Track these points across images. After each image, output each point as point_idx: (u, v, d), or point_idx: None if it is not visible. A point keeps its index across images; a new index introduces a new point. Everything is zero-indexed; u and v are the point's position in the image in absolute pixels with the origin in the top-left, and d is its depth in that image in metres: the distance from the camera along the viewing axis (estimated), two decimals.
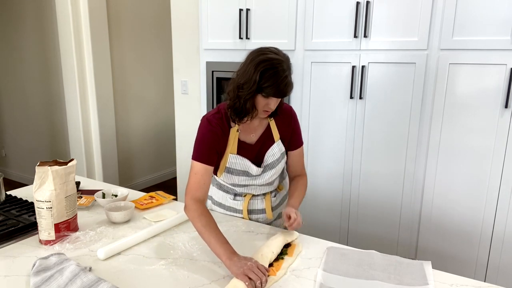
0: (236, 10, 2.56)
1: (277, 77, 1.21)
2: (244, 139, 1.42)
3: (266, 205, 1.55)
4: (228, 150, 1.39)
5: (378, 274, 1.15)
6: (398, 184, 2.24)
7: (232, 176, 1.45)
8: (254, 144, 1.43)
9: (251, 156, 1.43)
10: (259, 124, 1.44)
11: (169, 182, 4.53)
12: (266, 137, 1.44)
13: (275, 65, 1.21)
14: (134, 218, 1.55)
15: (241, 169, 1.43)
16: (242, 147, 1.41)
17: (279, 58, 1.24)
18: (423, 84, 2.08)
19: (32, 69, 4.07)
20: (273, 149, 1.44)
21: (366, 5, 2.14)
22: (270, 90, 1.22)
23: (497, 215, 2.01)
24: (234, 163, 1.42)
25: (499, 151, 1.95)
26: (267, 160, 1.44)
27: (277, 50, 1.29)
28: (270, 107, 1.28)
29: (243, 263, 1.09)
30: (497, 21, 1.86)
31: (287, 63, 1.26)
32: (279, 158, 1.46)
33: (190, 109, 3.12)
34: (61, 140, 4.04)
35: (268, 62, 1.22)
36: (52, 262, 1.14)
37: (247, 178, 1.46)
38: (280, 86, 1.22)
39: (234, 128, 1.38)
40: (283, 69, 1.22)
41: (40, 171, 1.28)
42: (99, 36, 3.51)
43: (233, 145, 1.39)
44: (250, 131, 1.43)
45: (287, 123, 1.47)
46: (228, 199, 1.57)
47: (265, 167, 1.45)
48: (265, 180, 1.47)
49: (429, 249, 2.21)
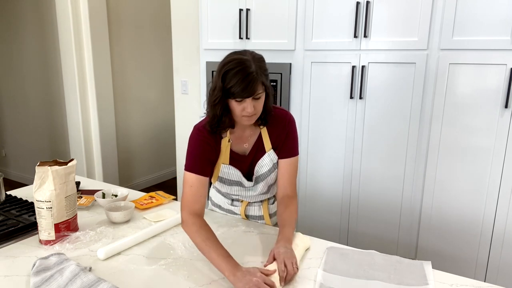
0: (236, 10, 2.56)
1: (240, 75, 1.13)
2: (236, 150, 1.36)
3: (263, 212, 1.52)
4: (220, 160, 1.35)
5: (378, 274, 1.15)
6: (398, 184, 2.24)
7: (225, 185, 1.43)
8: (247, 156, 1.37)
9: (244, 167, 1.38)
10: (251, 133, 1.36)
11: (169, 182, 4.53)
12: (258, 147, 1.37)
13: (237, 64, 1.15)
14: (134, 218, 1.55)
15: (234, 179, 1.39)
16: (234, 158, 1.36)
17: (241, 57, 1.17)
18: (423, 84, 2.08)
19: (32, 69, 4.07)
20: (263, 160, 1.36)
21: (366, 5, 2.14)
22: (235, 89, 1.14)
23: (497, 215, 2.01)
24: (226, 173, 1.37)
25: (499, 151, 1.95)
26: (258, 172, 1.38)
27: (244, 51, 1.21)
28: (247, 111, 1.19)
29: (248, 279, 1.03)
30: (497, 21, 1.86)
31: (256, 62, 1.17)
32: (270, 169, 1.38)
33: (190, 109, 3.12)
34: (61, 140, 4.04)
35: (229, 63, 1.16)
36: (52, 262, 1.14)
37: (241, 189, 1.43)
38: (244, 83, 1.13)
39: (225, 138, 1.32)
40: (246, 67, 1.14)
41: (40, 171, 1.28)
42: (99, 36, 3.51)
43: (225, 155, 1.34)
44: (243, 141, 1.36)
45: (280, 128, 1.36)
46: (226, 204, 1.57)
47: (256, 178, 1.40)
48: (258, 191, 1.44)
49: (429, 249, 2.21)
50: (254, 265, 1.19)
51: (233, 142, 1.34)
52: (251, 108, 1.18)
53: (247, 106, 1.18)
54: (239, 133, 1.34)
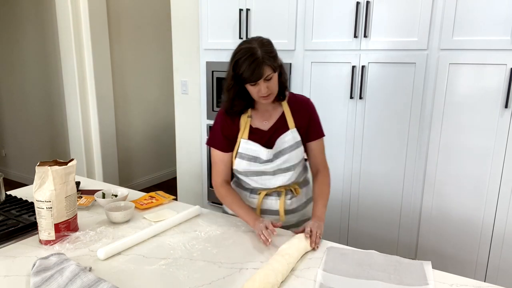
0: (236, 10, 2.56)
1: (248, 62, 1.28)
2: (257, 125, 1.48)
3: (280, 206, 1.52)
4: (239, 135, 1.47)
5: (378, 274, 1.15)
6: (398, 184, 2.24)
7: (243, 161, 1.48)
8: (267, 131, 1.47)
9: (262, 141, 1.46)
10: (273, 111, 1.48)
11: (169, 182, 4.53)
12: (280, 125, 1.47)
13: (244, 53, 1.30)
14: (134, 218, 1.55)
15: (252, 155, 1.46)
16: (254, 133, 1.47)
17: (248, 46, 1.31)
18: (423, 84, 2.08)
19: (32, 69, 4.07)
20: (286, 135, 1.46)
21: (366, 5, 2.14)
22: (245, 75, 1.29)
23: (497, 215, 2.01)
24: (245, 148, 1.46)
25: (499, 151, 1.95)
26: (279, 146, 1.45)
27: (251, 39, 1.35)
28: (262, 92, 1.34)
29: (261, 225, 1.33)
30: (497, 21, 1.86)
31: (263, 47, 1.31)
32: (292, 146, 1.46)
33: (190, 109, 3.12)
34: (61, 140, 4.04)
35: (238, 53, 1.31)
36: (52, 262, 1.14)
37: (258, 165, 1.47)
38: (251, 68, 1.28)
39: (245, 115, 1.46)
40: (252, 53, 1.29)
41: (40, 171, 1.28)
42: (99, 36, 3.51)
43: (245, 130, 1.46)
44: (264, 118, 1.47)
45: (303, 111, 1.49)
46: (245, 197, 1.57)
47: (276, 154, 1.45)
48: (276, 165, 1.46)
49: (429, 249, 2.21)
50: (254, 265, 1.20)
51: (255, 118, 1.48)
52: (265, 89, 1.33)
53: (261, 88, 1.33)
54: (261, 110, 1.48)
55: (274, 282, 1.07)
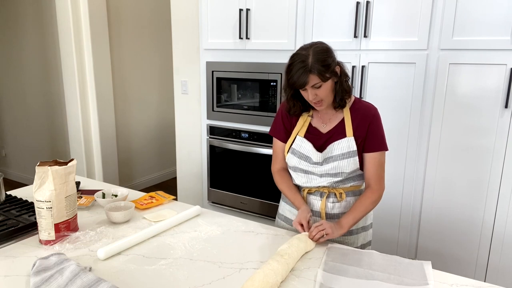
0: (236, 10, 2.56)
1: (295, 69, 1.32)
2: (316, 126, 1.49)
3: (321, 206, 1.49)
4: (296, 131, 1.50)
5: (378, 274, 1.15)
6: (398, 184, 2.24)
7: (294, 157, 1.49)
8: (325, 134, 1.47)
9: (318, 144, 1.47)
10: (333, 115, 1.47)
11: (169, 182, 4.53)
12: (338, 130, 1.45)
13: (294, 60, 1.33)
14: (134, 218, 1.55)
15: (304, 153, 1.47)
16: (311, 133, 1.49)
17: (300, 52, 1.34)
18: (423, 84, 2.08)
19: (32, 69, 4.07)
20: (341, 142, 1.43)
21: (366, 5, 2.14)
22: (291, 81, 1.33)
23: (497, 215, 2.01)
24: (299, 145, 1.48)
25: (499, 151, 1.95)
26: (331, 151, 1.43)
27: (307, 46, 1.36)
28: (309, 99, 1.37)
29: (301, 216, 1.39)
30: (497, 21, 1.86)
31: (315, 55, 1.31)
32: (344, 154, 1.42)
33: (190, 109, 3.12)
34: (61, 140, 4.04)
35: (291, 59, 1.35)
36: (52, 262, 1.14)
37: (307, 164, 1.47)
38: (296, 76, 1.31)
39: (306, 113, 1.50)
40: (300, 61, 1.31)
41: (40, 171, 1.28)
42: (99, 36, 3.51)
43: (303, 127, 1.49)
44: (324, 121, 1.48)
45: (363, 120, 1.44)
46: None
47: (327, 159, 1.43)
48: (325, 170, 1.43)
49: (429, 249, 2.21)
50: (254, 265, 1.20)
51: (315, 118, 1.50)
52: (313, 96, 1.35)
53: (309, 94, 1.36)
54: (322, 112, 1.49)
55: (274, 282, 1.07)
